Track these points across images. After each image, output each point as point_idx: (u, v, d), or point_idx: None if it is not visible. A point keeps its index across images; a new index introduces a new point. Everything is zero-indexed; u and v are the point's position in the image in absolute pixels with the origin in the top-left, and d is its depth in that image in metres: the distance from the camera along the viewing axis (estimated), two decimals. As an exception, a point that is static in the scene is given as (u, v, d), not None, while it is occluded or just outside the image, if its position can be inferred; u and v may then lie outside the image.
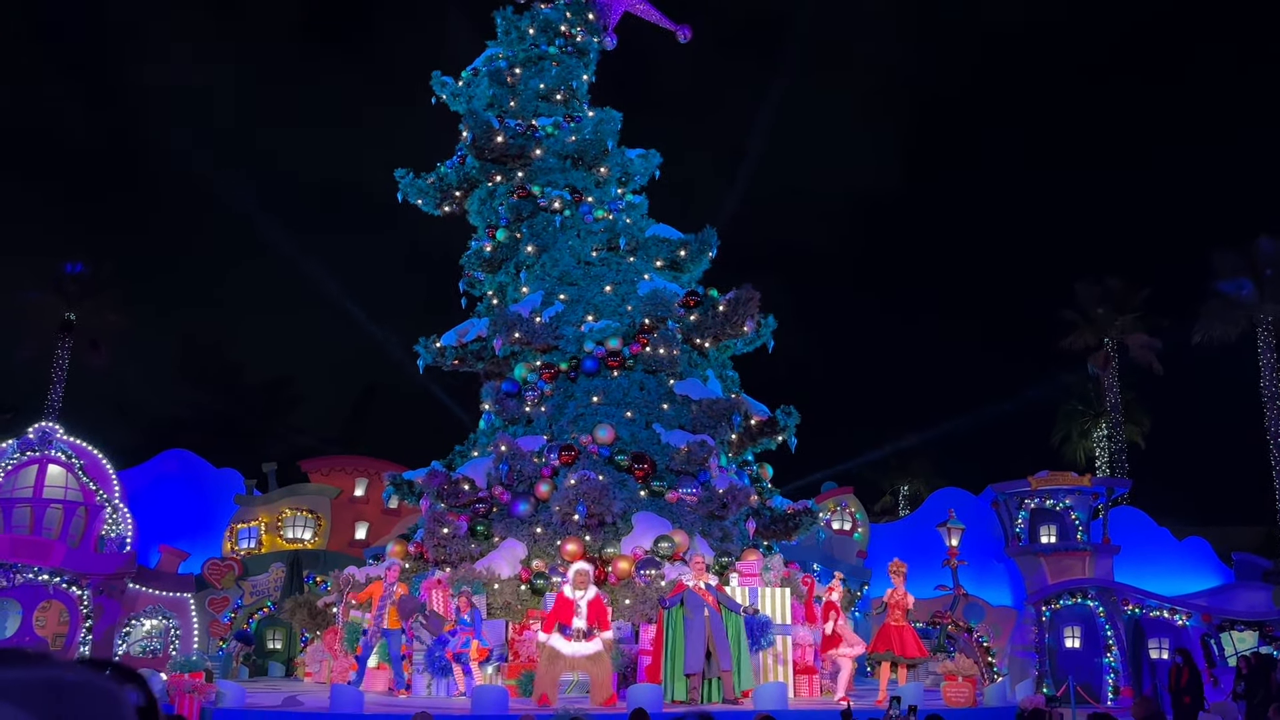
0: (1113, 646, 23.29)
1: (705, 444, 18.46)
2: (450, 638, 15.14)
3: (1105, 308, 37.41)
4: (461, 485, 18.11)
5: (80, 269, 35.34)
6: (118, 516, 22.01)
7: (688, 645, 13.87)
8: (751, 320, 20.73)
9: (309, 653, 19.94)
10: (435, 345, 21.38)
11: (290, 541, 25.32)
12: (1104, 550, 24.98)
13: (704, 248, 22.10)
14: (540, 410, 20.00)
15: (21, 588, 20.20)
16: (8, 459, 21.42)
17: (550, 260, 21.42)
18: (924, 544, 25.34)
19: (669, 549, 16.97)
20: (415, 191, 23.22)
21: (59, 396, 34.27)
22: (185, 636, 22.58)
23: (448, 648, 15.04)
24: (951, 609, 22.30)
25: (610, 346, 19.88)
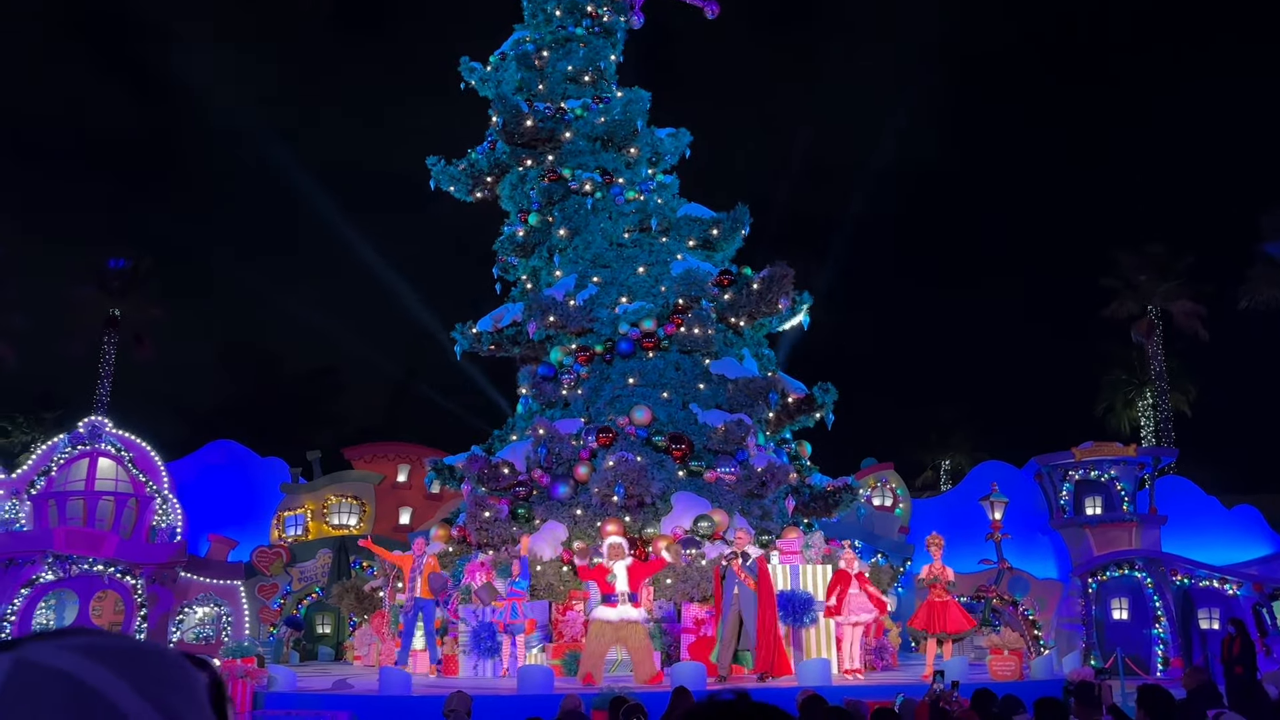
0: (1161, 618, 22.99)
1: (742, 423, 18.43)
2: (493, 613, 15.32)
3: (1148, 274, 36.70)
4: (501, 469, 18.27)
5: (123, 264, 35.98)
6: (168, 507, 22.47)
7: (723, 619, 14.14)
8: (786, 297, 20.61)
9: (357, 636, 20.29)
10: (471, 331, 21.52)
11: (336, 528, 25.73)
12: (1151, 520, 24.63)
13: (736, 226, 21.98)
14: (577, 393, 20.08)
15: (78, 578, 20.71)
16: (60, 453, 21.93)
17: (583, 243, 21.43)
18: (967, 518, 25.16)
19: (709, 528, 17.02)
20: (447, 179, 23.32)
21: (106, 391, 35.01)
22: (236, 623, 23.06)
23: (498, 618, 15.23)
24: (996, 583, 22.15)
25: (645, 328, 19.88)
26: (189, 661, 0.76)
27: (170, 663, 0.73)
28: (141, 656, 0.71)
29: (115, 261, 35.88)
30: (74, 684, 0.65)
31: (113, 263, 35.85)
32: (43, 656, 0.68)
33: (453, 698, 8.21)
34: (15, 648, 0.70)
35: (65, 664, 0.67)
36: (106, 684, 0.66)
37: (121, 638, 0.74)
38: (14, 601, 20.11)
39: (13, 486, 21.99)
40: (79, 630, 0.73)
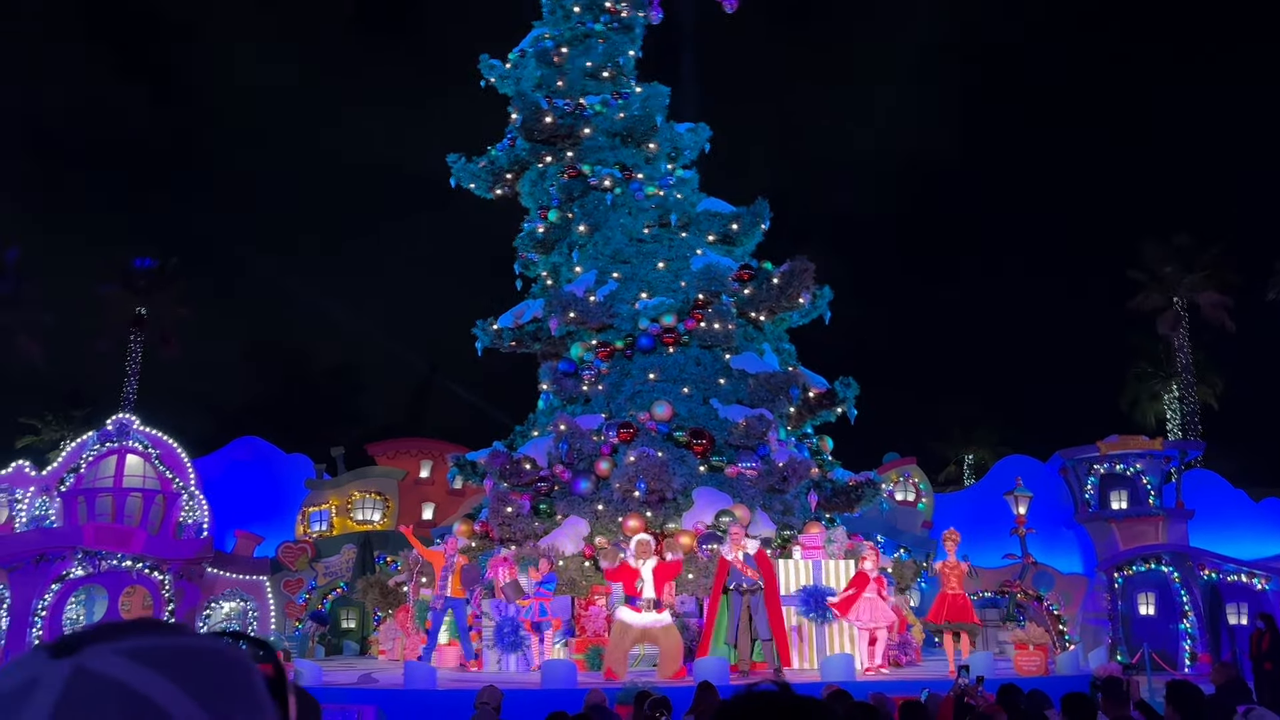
0: (1189, 612, 22.77)
1: (763, 418, 18.41)
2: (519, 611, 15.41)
3: (1174, 266, 36.30)
4: (523, 465, 18.33)
5: (149, 263, 36.38)
6: (194, 503, 22.72)
7: (732, 616, 14.11)
8: (807, 292, 20.55)
9: (382, 631, 20.43)
10: (492, 327, 21.60)
11: (360, 523, 25.93)
12: (1177, 515, 24.39)
13: (756, 220, 21.93)
14: (598, 389, 20.12)
15: (107, 574, 20.98)
16: (89, 450, 22.22)
17: (602, 239, 21.46)
18: (991, 513, 25.01)
19: (730, 523, 17.01)
20: (468, 176, 23.40)
21: (134, 389, 35.42)
22: (262, 618, 23.29)
23: (525, 616, 15.31)
24: (1020, 577, 22.02)
25: (665, 323, 19.89)
26: (249, 654, 0.76)
27: (223, 660, 0.73)
28: (198, 658, 0.71)
29: (141, 261, 36.30)
30: (128, 694, 0.66)
31: (139, 262, 36.27)
32: (98, 664, 0.68)
33: (484, 691, 8.30)
34: (75, 652, 0.69)
35: (120, 673, 0.67)
36: (160, 691, 0.66)
37: (179, 635, 0.73)
38: (45, 597, 20.40)
39: (43, 483, 22.31)
40: (133, 628, 0.73)
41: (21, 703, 0.64)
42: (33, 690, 0.66)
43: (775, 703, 1.00)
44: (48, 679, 0.66)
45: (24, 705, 0.64)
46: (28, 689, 0.66)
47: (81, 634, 0.72)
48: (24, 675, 0.67)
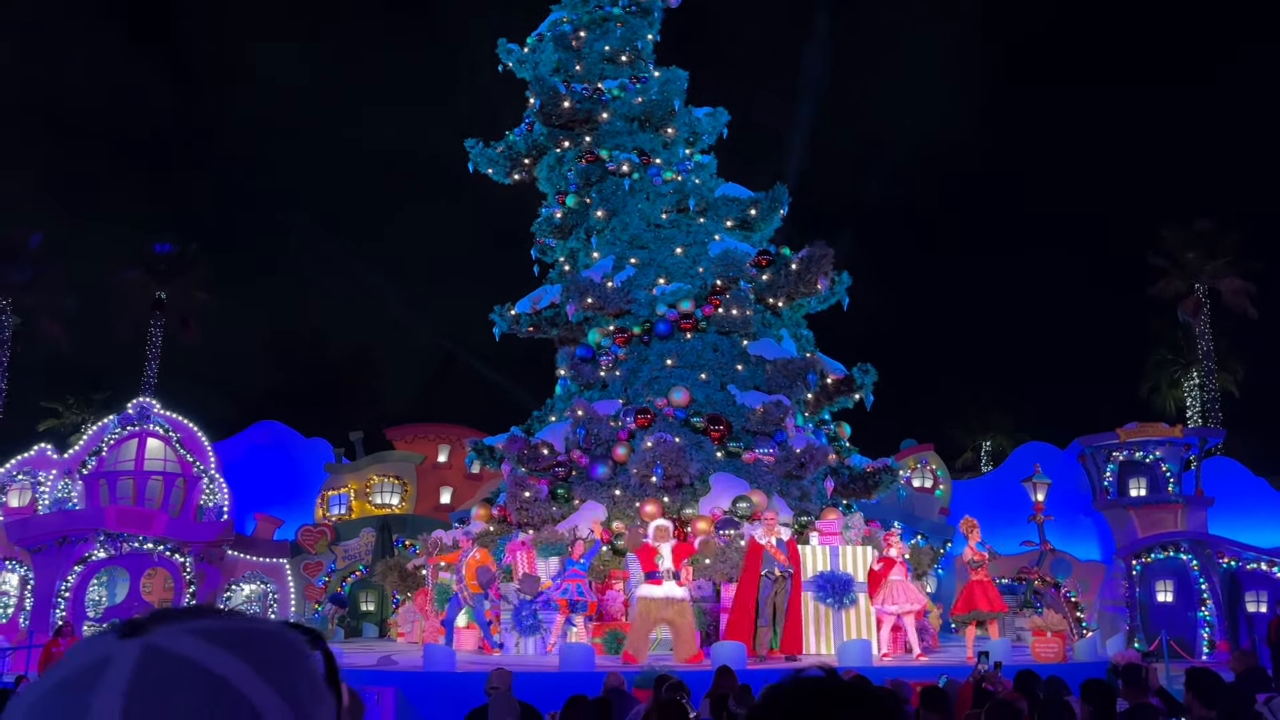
0: (1207, 600, 22.68)
1: (781, 404, 18.38)
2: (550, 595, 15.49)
3: (1196, 252, 35.92)
4: (540, 450, 18.38)
5: (169, 248, 36.60)
6: (214, 487, 22.93)
7: (761, 600, 14.16)
8: (825, 278, 20.46)
9: (401, 614, 20.60)
10: (510, 313, 21.60)
11: (379, 507, 26.11)
12: (1197, 502, 24.26)
13: (775, 206, 21.84)
14: (615, 374, 20.13)
15: (129, 556, 21.22)
16: (110, 434, 22.44)
17: (620, 224, 21.42)
18: (1008, 500, 24.94)
19: (747, 509, 17.03)
20: (485, 161, 23.37)
21: (154, 373, 35.71)
22: (283, 600, 23.52)
23: (561, 595, 15.39)
24: (1038, 564, 21.96)
25: (683, 309, 19.86)
26: (304, 640, 0.76)
27: (289, 644, 0.74)
28: (263, 639, 0.72)
29: (161, 246, 36.51)
30: (203, 673, 0.66)
31: (159, 247, 36.49)
32: (170, 643, 0.67)
33: (493, 675, 8.28)
34: (142, 632, 0.69)
35: (191, 651, 0.67)
36: (234, 672, 0.67)
37: (240, 619, 0.74)
38: (68, 578, 20.66)
39: (65, 466, 22.57)
40: (200, 611, 0.73)
41: (93, 682, 0.64)
42: (104, 670, 0.65)
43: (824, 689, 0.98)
44: (119, 658, 0.66)
45: (96, 685, 0.64)
46: (99, 669, 0.65)
47: (151, 615, 0.72)
48: (94, 655, 0.67)
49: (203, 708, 0.64)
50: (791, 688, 0.99)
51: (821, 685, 0.98)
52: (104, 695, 0.63)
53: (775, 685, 1.06)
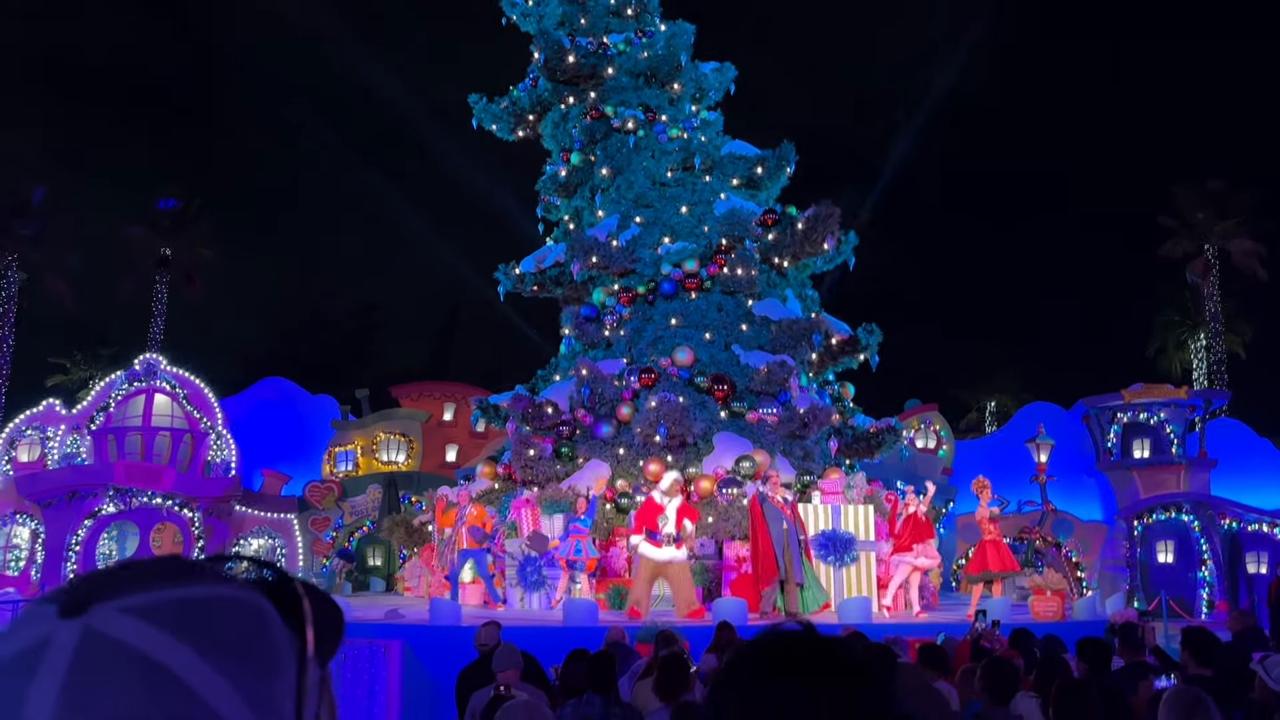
0: (1207, 560, 22.82)
1: (785, 364, 18.39)
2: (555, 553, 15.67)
3: (1206, 212, 35.58)
4: (545, 409, 18.45)
5: (173, 204, 36.50)
6: (221, 443, 23.09)
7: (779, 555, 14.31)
8: (831, 237, 20.37)
9: (408, 569, 20.83)
10: (515, 272, 21.57)
11: (385, 464, 26.31)
12: (1200, 463, 24.32)
13: (781, 163, 21.67)
14: (619, 334, 20.14)
15: (138, 511, 21.44)
16: (117, 390, 22.56)
17: (625, 182, 21.28)
18: (1011, 460, 25.00)
19: (750, 468, 17.12)
20: (489, 117, 23.17)
21: (160, 329, 35.80)
22: (291, 555, 23.77)
23: (560, 554, 15.58)
24: (1039, 524, 22.08)
25: (687, 268, 19.81)
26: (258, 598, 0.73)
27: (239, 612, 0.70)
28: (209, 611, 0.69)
29: (165, 202, 36.40)
30: (142, 661, 0.64)
31: (162, 203, 36.38)
32: (108, 625, 0.65)
33: (482, 630, 8.35)
34: (83, 611, 0.66)
35: (130, 636, 0.65)
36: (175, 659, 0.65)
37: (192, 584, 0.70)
38: (78, 532, 20.91)
39: (73, 422, 22.71)
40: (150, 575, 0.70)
41: (31, 670, 0.63)
42: (42, 655, 0.64)
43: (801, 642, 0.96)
44: (57, 642, 0.64)
45: (34, 673, 0.63)
46: (37, 653, 0.64)
47: (90, 585, 0.69)
48: (33, 637, 0.65)
49: (142, 698, 0.62)
50: (764, 641, 0.97)
51: (799, 638, 0.97)
52: (40, 686, 0.63)
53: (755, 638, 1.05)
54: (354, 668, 12.41)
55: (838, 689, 0.90)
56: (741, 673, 0.95)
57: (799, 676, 0.91)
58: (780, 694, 0.90)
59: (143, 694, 0.63)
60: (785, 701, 0.89)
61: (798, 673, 0.92)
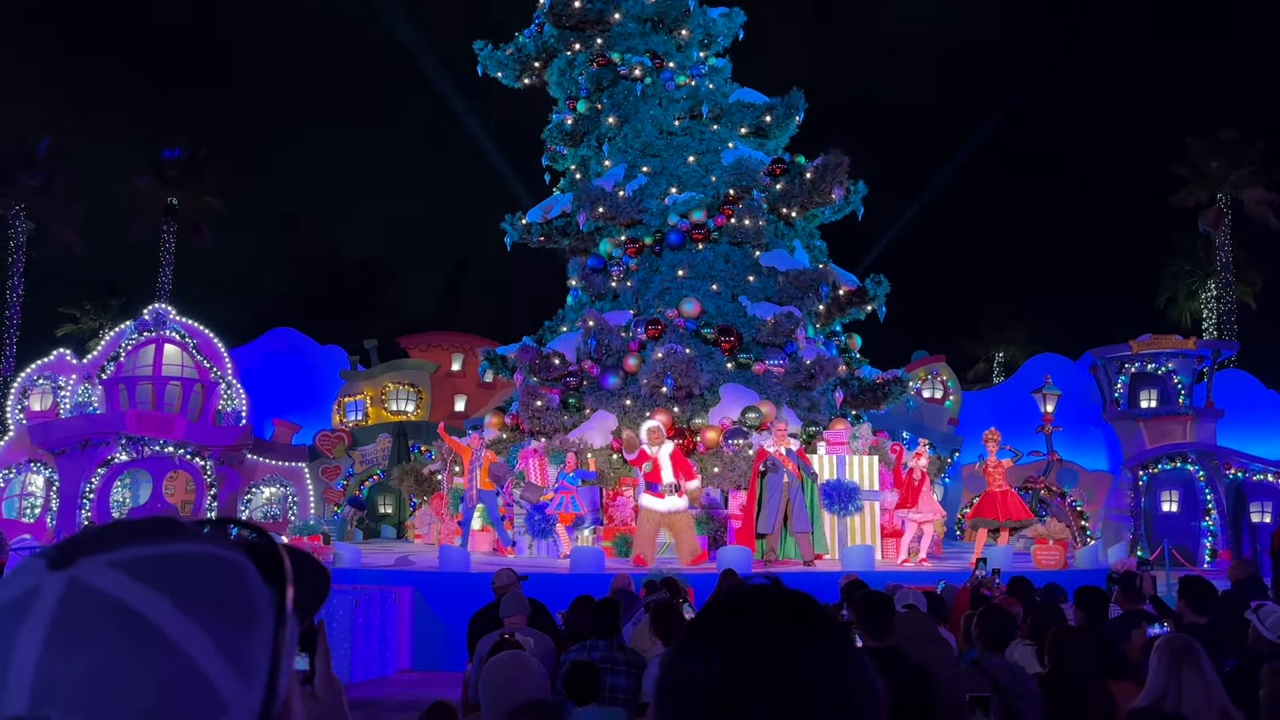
0: (1212, 510, 22.96)
1: (792, 316, 18.37)
2: (547, 505, 15.86)
3: (1219, 161, 35.15)
4: (552, 360, 18.50)
5: (178, 153, 36.33)
6: (232, 392, 23.26)
7: (766, 507, 14.38)
8: (840, 187, 20.19)
9: (418, 517, 21.10)
10: (521, 222, 21.46)
11: (394, 414, 26.51)
12: (1206, 414, 24.34)
13: (790, 112, 21.41)
14: (626, 285, 20.11)
15: (150, 459, 21.69)
16: (127, 339, 22.68)
17: (632, 131, 21.08)
18: (1018, 410, 25.06)
19: (756, 419, 17.19)
20: (494, 64, 22.88)
21: (168, 279, 35.87)
22: (302, 503, 24.08)
23: (555, 509, 15.79)
24: (1044, 474, 22.19)
25: (694, 219, 19.69)
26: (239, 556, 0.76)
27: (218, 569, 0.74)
28: (188, 567, 0.72)
29: (170, 151, 36.22)
30: (122, 610, 0.68)
31: (168, 152, 36.20)
32: (93, 577, 0.69)
33: (500, 574, 8.50)
34: (70, 564, 0.70)
35: (112, 587, 0.68)
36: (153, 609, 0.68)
37: (175, 541, 0.74)
38: (92, 480, 21.19)
39: (84, 371, 22.88)
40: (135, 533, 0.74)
41: (22, 615, 0.68)
42: (32, 602, 0.68)
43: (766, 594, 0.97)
44: (46, 591, 0.69)
45: (23, 618, 0.67)
46: (28, 600, 0.69)
47: (78, 542, 0.73)
48: (25, 585, 0.69)
49: (121, 645, 0.67)
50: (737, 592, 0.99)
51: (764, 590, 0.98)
52: (28, 630, 0.67)
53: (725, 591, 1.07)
54: (366, 613, 12.67)
55: (795, 637, 0.92)
56: (703, 624, 0.97)
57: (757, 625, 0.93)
58: (736, 641, 0.92)
59: (121, 640, 0.67)
60: (741, 648, 0.91)
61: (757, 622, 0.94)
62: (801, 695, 0.89)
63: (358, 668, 12.08)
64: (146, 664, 0.67)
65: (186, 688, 0.68)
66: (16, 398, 23.09)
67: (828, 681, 0.90)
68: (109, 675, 0.66)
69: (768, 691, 0.88)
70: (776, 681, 0.89)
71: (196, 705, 0.68)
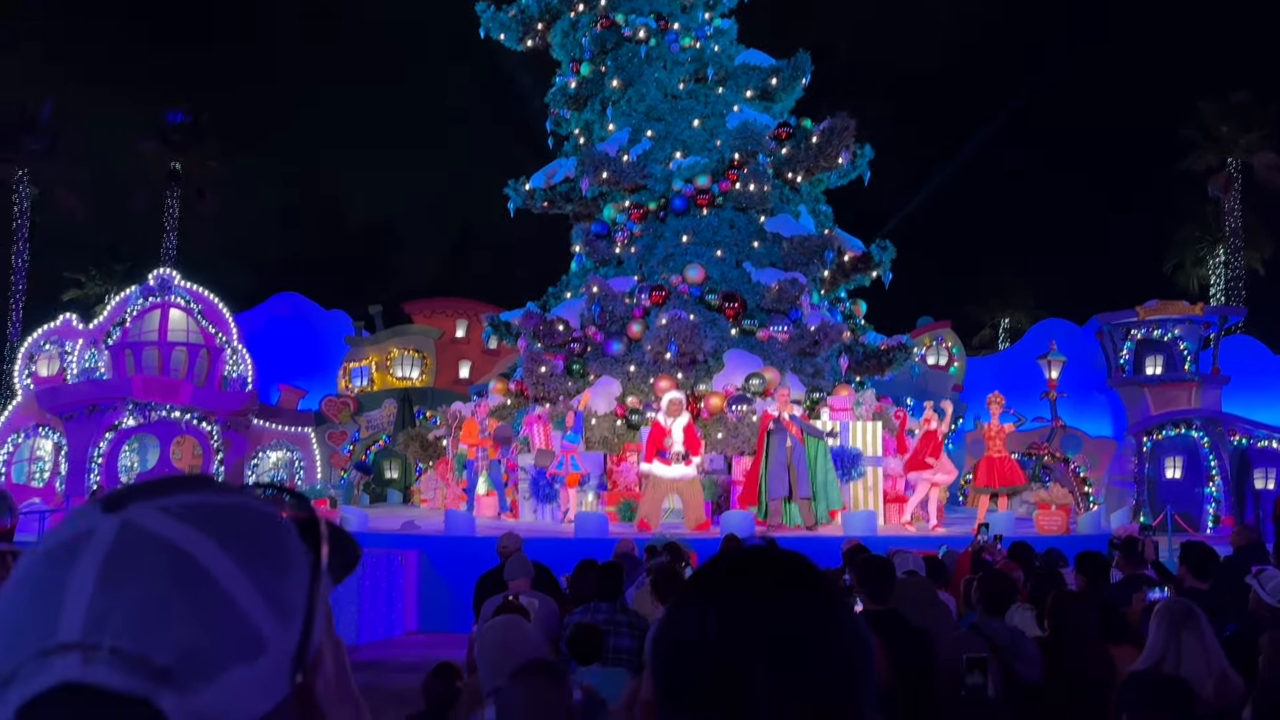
0: (1215, 476, 23.00)
1: (797, 282, 18.31)
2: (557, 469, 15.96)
3: (1230, 125, 34.74)
4: (556, 326, 18.49)
5: (181, 118, 36.12)
6: (237, 357, 23.33)
7: (770, 472, 14.44)
8: (846, 151, 20.04)
9: (423, 481, 21.24)
10: (525, 188, 21.34)
11: (400, 380, 26.60)
12: (1212, 380, 24.30)
13: (797, 74, 21.18)
14: (630, 251, 20.03)
15: (157, 424, 21.82)
16: (132, 305, 22.73)
17: (636, 94, 20.89)
18: (1023, 376, 25.02)
19: (760, 385, 17.19)
20: (497, 26, 22.62)
21: (173, 244, 35.82)
22: (309, 467, 24.22)
23: (557, 469, 15.89)
24: (1048, 440, 22.22)
25: (699, 184, 19.56)
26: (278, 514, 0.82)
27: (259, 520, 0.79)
28: (232, 515, 0.77)
29: (173, 115, 36.01)
30: (170, 549, 0.73)
31: (171, 117, 35.99)
32: (144, 520, 0.74)
33: (504, 538, 8.57)
34: (122, 508, 0.75)
35: (162, 529, 0.73)
36: (199, 548, 0.73)
37: (220, 494, 0.79)
38: (100, 445, 21.33)
39: (90, 336, 22.95)
40: (183, 485, 0.79)
41: (76, 554, 0.73)
42: (87, 542, 0.73)
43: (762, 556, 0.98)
44: (100, 532, 0.73)
45: (80, 553, 0.72)
46: (82, 540, 0.73)
47: (131, 490, 0.78)
48: (82, 526, 0.75)
49: (169, 580, 0.71)
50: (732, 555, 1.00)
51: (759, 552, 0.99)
52: (83, 566, 0.72)
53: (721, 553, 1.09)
54: (373, 576, 12.79)
55: (791, 597, 0.93)
56: (700, 582, 0.98)
57: (754, 584, 0.94)
58: (733, 600, 0.93)
59: (169, 576, 0.71)
60: (737, 606, 0.92)
61: (753, 581, 0.95)
62: (797, 654, 0.89)
63: (365, 630, 12.23)
64: (192, 599, 0.71)
65: (228, 623, 0.72)
66: (24, 362, 23.19)
67: (823, 641, 0.90)
68: (157, 607, 0.70)
69: (763, 649, 0.89)
70: (772, 640, 0.89)
71: (237, 640, 0.72)
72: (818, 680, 0.89)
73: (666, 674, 0.94)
